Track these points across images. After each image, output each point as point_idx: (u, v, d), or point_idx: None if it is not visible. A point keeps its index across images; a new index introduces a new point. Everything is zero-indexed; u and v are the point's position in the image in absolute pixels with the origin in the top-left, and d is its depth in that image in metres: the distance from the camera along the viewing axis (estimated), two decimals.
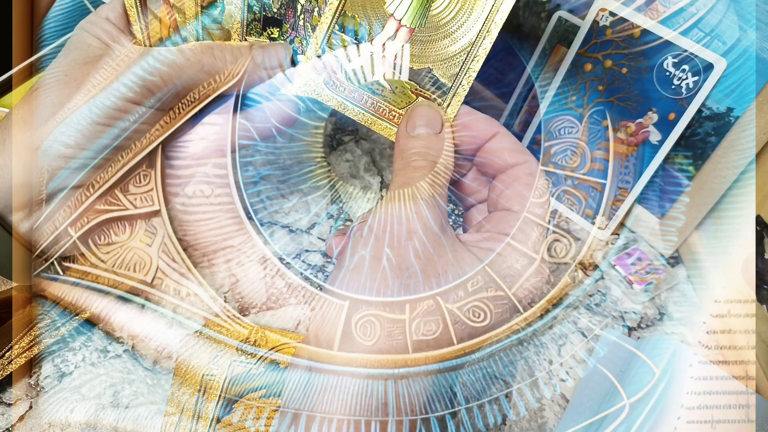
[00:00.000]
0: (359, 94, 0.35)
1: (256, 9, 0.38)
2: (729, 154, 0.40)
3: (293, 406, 0.24)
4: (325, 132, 0.54)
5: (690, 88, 0.39)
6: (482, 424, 0.36)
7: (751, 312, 0.38)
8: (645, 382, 0.34)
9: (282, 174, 0.48)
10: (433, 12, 0.32)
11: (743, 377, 0.37)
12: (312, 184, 0.48)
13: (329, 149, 0.54)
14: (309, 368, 0.25)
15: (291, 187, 0.49)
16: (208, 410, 0.33)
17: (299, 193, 0.49)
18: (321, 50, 0.36)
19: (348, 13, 0.34)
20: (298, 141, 0.51)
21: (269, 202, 0.48)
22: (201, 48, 0.38)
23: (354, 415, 0.24)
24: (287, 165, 0.49)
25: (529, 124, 0.50)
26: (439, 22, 0.32)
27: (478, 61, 0.32)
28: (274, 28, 0.39)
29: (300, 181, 0.48)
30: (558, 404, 0.37)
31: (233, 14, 0.39)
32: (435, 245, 0.28)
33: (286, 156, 0.50)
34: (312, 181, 0.48)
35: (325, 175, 0.49)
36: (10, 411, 0.34)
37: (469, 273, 0.28)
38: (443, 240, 0.28)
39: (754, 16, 0.37)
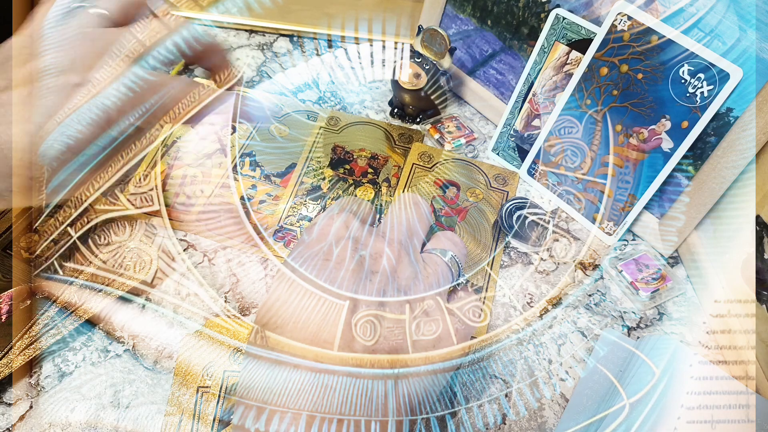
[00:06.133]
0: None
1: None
2: (729, 154, 0.40)
3: (293, 406, 0.24)
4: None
5: (705, 96, 0.39)
6: (482, 423, 0.36)
7: (751, 312, 0.38)
8: (645, 382, 0.34)
9: (283, 173, 0.48)
10: None
11: (743, 377, 0.37)
12: (312, 183, 0.48)
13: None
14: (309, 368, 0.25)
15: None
16: (208, 410, 0.33)
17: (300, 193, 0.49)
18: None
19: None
20: (299, 141, 0.51)
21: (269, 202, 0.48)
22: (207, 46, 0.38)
23: (354, 415, 0.24)
24: (287, 164, 0.49)
25: (530, 124, 0.50)
26: None
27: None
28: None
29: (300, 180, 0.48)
30: (558, 404, 0.37)
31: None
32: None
33: (286, 156, 0.50)
34: (312, 181, 0.48)
35: (324, 174, 0.49)
36: (10, 411, 0.34)
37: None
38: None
39: (754, 16, 0.37)
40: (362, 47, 0.62)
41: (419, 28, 0.51)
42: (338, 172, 0.49)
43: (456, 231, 0.46)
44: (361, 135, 0.53)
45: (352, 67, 0.60)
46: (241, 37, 0.63)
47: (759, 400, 0.34)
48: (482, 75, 0.55)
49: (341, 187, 0.48)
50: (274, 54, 0.61)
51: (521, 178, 0.51)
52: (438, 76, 0.51)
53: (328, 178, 0.49)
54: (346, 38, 0.62)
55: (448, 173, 0.50)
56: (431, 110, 0.55)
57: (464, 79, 0.57)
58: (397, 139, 0.53)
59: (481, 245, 0.46)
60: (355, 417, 0.25)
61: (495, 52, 0.53)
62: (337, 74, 0.59)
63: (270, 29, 0.63)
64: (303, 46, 0.62)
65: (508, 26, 0.51)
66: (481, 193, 0.49)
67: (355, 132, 0.53)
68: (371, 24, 0.62)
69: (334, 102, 0.56)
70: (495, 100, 0.55)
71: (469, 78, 0.56)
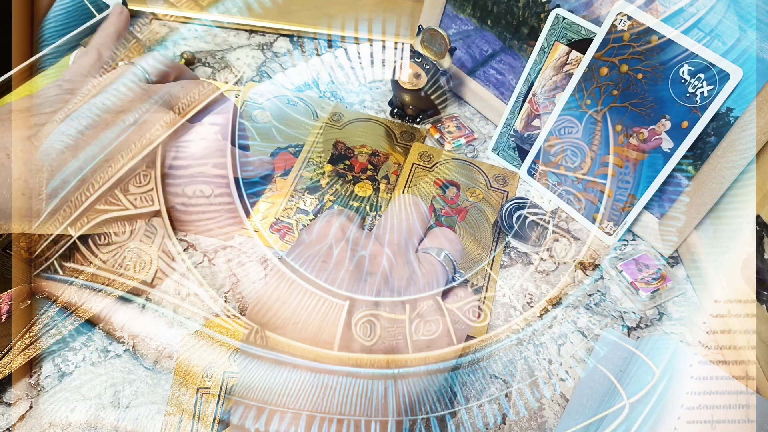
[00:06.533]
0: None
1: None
2: (729, 154, 0.40)
3: (293, 406, 0.24)
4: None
5: (705, 96, 0.39)
6: (482, 423, 0.36)
7: (751, 312, 0.38)
8: (645, 382, 0.34)
9: (283, 173, 0.48)
10: None
11: (743, 377, 0.37)
12: (311, 178, 0.48)
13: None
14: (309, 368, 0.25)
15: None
16: (208, 411, 0.33)
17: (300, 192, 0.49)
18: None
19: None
20: (298, 141, 0.51)
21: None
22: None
23: (354, 415, 0.25)
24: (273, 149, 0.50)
25: (530, 124, 0.50)
26: None
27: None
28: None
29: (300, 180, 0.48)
30: (558, 404, 0.37)
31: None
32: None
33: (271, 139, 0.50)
34: (311, 176, 0.48)
35: (324, 169, 0.49)
36: (10, 411, 0.34)
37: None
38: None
39: (754, 16, 0.37)
40: (362, 47, 0.62)
41: (419, 28, 0.51)
42: (338, 168, 0.50)
43: (456, 231, 0.46)
44: (363, 131, 0.53)
45: (352, 67, 0.60)
46: (241, 37, 0.63)
47: (759, 400, 0.34)
48: (482, 75, 0.55)
49: (339, 183, 0.48)
50: (274, 54, 0.61)
51: (521, 178, 0.51)
52: (438, 76, 0.51)
53: (327, 173, 0.49)
54: (346, 38, 0.62)
55: (448, 173, 0.50)
56: (431, 110, 0.55)
57: (464, 79, 0.57)
58: (399, 137, 0.53)
59: (481, 245, 0.46)
60: (355, 417, 0.25)
61: (495, 52, 0.53)
62: (337, 74, 0.59)
63: (270, 29, 0.63)
64: (303, 46, 0.62)
65: (508, 26, 0.51)
66: (481, 193, 0.49)
67: (357, 128, 0.53)
68: (371, 24, 0.62)
69: (335, 102, 0.56)
70: (495, 100, 0.55)
71: (469, 78, 0.56)
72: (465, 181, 0.50)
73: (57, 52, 0.48)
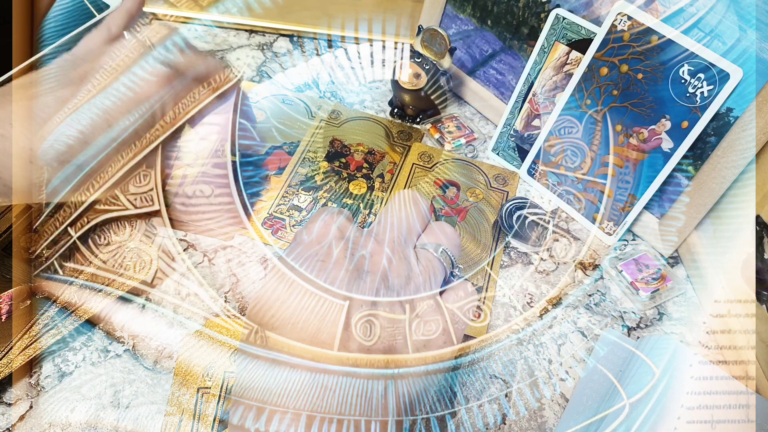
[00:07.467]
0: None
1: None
2: (729, 154, 0.40)
3: (293, 406, 0.24)
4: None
5: (705, 96, 0.39)
6: (482, 423, 0.36)
7: (751, 312, 0.38)
8: (645, 382, 0.34)
9: (277, 171, 0.48)
10: None
11: (743, 377, 0.37)
12: (306, 174, 0.48)
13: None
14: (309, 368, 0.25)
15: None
16: (208, 411, 0.33)
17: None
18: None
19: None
20: (293, 139, 0.51)
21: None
22: (198, 52, 0.39)
23: (354, 415, 0.24)
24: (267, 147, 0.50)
25: (530, 124, 0.50)
26: None
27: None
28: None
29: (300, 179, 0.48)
30: (558, 404, 0.37)
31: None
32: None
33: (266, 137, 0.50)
34: (306, 172, 0.48)
35: (320, 166, 0.49)
36: (10, 411, 0.34)
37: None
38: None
39: (754, 16, 0.37)
40: (362, 47, 0.62)
41: (419, 28, 0.51)
42: (334, 165, 0.50)
43: (456, 231, 0.46)
44: (361, 130, 0.53)
45: (352, 67, 0.60)
46: (241, 37, 0.63)
47: (759, 400, 0.34)
48: (482, 75, 0.55)
49: (334, 180, 0.48)
50: (274, 54, 0.61)
51: (521, 178, 0.51)
52: (438, 76, 0.51)
53: (322, 170, 0.49)
54: (346, 38, 0.62)
55: (448, 173, 0.50)
56: (431, 110, 0.55)
57: (464, 79, 0.57)
58: (396, 136, 0.53)
59: (481, 245, 0.46)
60: (355, 417, 0.25)
61: (495, 52, 0.53)
62: (337, 74, 0.59)
63: (270, 29, 0.63)
64: (303, 46, 0.62)
65: (508, 26, 0.51)
66: (481, 193, 0.49)
67: (354, 126, 0.53)
68: (371, 24, 0.62)
69: (335, 102, 0.56)
70: (495, 100, 0.55)
71: (469, 78, 0.56)
72: (465, 181, 0.50)
73: (57, 52, 0.48)
